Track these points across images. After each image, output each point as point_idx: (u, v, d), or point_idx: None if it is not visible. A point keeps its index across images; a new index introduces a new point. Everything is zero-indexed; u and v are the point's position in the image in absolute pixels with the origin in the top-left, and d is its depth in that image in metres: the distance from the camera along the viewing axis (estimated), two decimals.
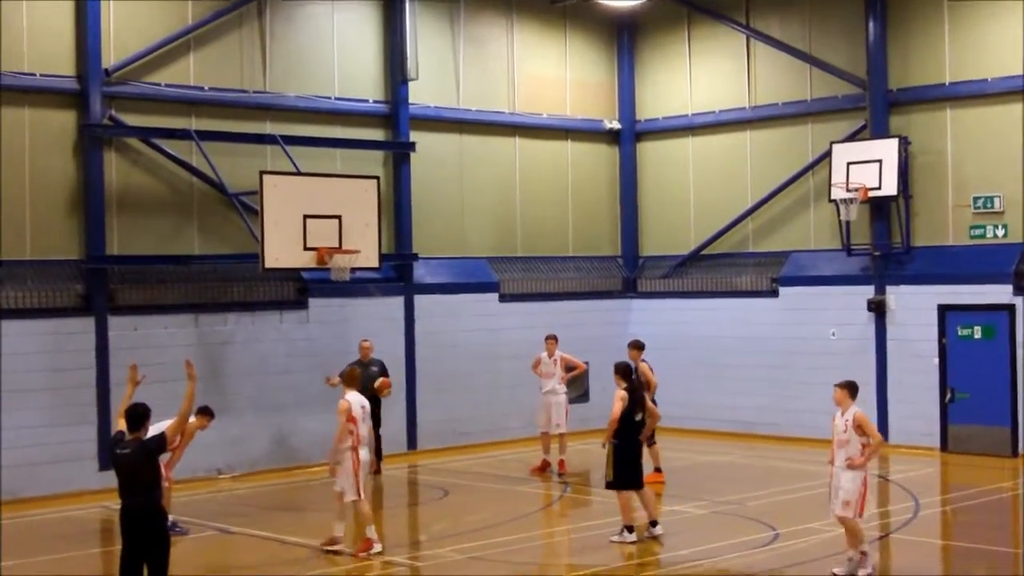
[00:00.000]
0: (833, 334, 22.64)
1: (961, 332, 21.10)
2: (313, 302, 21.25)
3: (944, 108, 21.70)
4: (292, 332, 21.02)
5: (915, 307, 21.63)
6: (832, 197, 22.12)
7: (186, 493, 17.98)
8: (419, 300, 22.62)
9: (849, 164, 21.86)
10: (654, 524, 15.24)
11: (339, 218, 19.18)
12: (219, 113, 20.59)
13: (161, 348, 19.19)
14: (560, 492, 18.83)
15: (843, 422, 13.18)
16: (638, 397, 15.24)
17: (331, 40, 22.05)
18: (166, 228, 20.09)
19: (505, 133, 24.36)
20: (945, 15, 21.62)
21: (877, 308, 22.07)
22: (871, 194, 21.66)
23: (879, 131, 22.11)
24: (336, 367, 18.09)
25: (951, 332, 21.22)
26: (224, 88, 20.70)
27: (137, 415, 11.13)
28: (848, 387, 13.34)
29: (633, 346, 19.10)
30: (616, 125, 25.89)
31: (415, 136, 22.70)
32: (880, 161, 21.62)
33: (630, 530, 14.99)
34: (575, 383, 21.82)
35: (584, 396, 23.77)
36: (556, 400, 20.18)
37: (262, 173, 18.86)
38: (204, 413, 15.64)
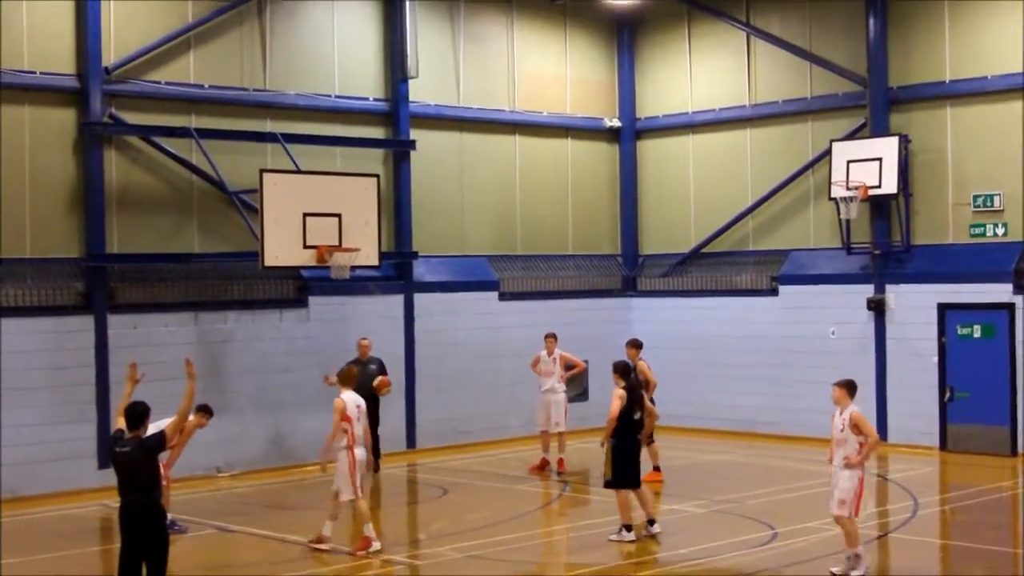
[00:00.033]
0: (833, 333, 22.63)
1: (961, 331, 21.09)
2: (313, 300, 21.26)
3: (944, 106, 21.70)
4: (292, 330, 21.02)
5: (915, 306, 21.62)
6: (832, 195, 22.12)
7: (185, 491, 17.97)
8: (419, 298, 22.62)
9: (849, 162, 21.85)
10: (652, 523, 15.26)
11: (339, 216, 19.18)
12: (219, 111, 20.58)
13: (161, 346, 19.21)
14: (559, 491, 18.82)
15: (841, 421, 13.20)
16: (637, 396, 15.25)
17: (331, 38, 22.04)
18: (166, 226, 20.09)
19: (505, 131, 24.35)
20: (945, 13, 21.61)
21: (877, 307, 22.06)
22: (871, 192, 21.66)
23: (879, 129, 22.09)
24: (336, 365, 18.07)
25: (951, 331, 21.21)
26: (224, 86, 20.70)
27: (137, 413, 11.14)
28: (847, 386, 13.33)
29: (631, 345, 19.09)
30: (616, 123, 25.87)
31: (415, 134, 22.69)
32: (880, 159, 21.61)
33: (628, 529, 14.99)
34: (574, 382, 21.82)
35: (583, 395, 23.78)
36: (555, 399, 20.17)
37: (262, 171, 18.86)
38: (203, 411, 15.63)
